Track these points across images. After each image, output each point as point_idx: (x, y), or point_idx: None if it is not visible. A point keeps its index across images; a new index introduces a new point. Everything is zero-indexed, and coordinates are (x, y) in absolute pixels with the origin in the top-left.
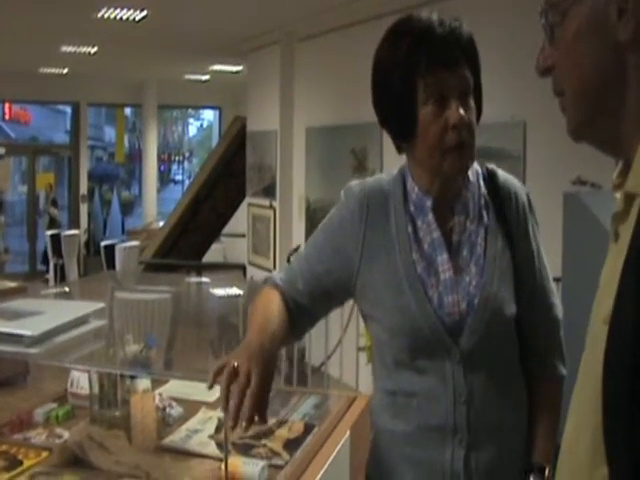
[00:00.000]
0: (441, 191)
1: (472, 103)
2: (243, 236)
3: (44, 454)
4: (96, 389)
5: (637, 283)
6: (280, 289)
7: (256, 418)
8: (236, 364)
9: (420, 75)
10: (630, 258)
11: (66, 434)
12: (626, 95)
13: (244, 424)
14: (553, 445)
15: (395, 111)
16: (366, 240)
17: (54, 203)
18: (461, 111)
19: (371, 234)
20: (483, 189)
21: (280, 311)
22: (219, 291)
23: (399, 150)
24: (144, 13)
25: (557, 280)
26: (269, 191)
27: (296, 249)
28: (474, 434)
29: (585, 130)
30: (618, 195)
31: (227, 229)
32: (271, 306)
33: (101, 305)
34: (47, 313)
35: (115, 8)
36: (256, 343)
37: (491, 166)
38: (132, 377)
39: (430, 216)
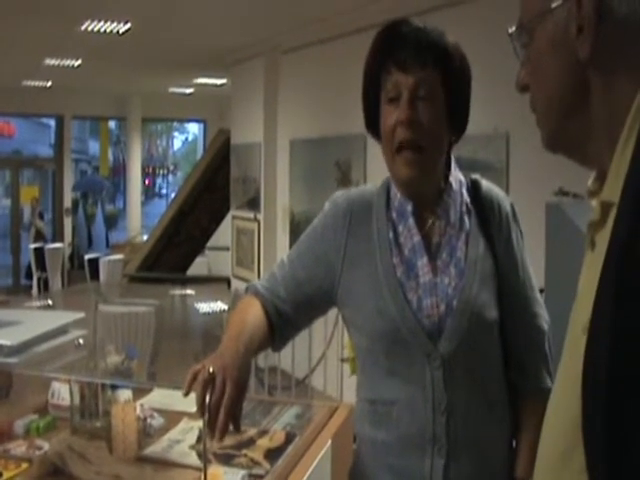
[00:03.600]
0: (413, 196)
1: (433, 107)
2: (227, 249)
3: (24, 465)
4: (77, 400)
5: (615, 292)
6: (261, 297)
7: (230, 427)
8: (211, 370)
9: (382, 74)
10: (607, 267)
11: (46, 445)
12: (591, 112)
13: (218, 434)
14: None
15: (368, 110)
16: (348, 248)
17: (41, 216)
18: (409, 110)
19: (353, 242)
20: (466, 197)
21: (258, 319)
22: (204, 306)
23: None
24: (128, 26)
25: (540, 290)
26: (253, 204)
27: None
28: (454, 444)
29: (556, 144)
30: (593, 203)
31: (211, 242)
32: (249, 314)
33: (81, 315)
34: (26, 323)
35: (99, 21)
36: (231, 350)
37: (475, 176)
38: (113, 388)
39: (411, 220)
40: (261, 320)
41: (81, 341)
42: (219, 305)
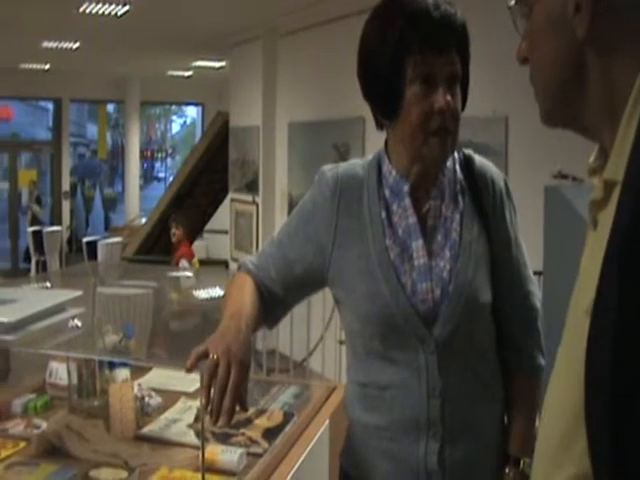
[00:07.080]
0: (419, 175)
1: (458, 91)
2: (226, 232)
3: (22, 444)
4: (75, 379)
5: (619, 272)
6: (252, 275)
7: (237, 408)
8: (215, 357)
9: (411, 54)
10: (611, 246)
11: (44, 424)
12: (588, 88)
13: (226, 418)
14: (530, 437)
15: (381, 87)
16: (339, 227)
17: (38, 200)
18: (448, 97)
19: (344, 221)
20: (459, 174)
21: (253, 297)
22: (202, 293)
23: (379, 127)
24: (126, 8)
25: (539, 274)
26: (252, 187)
27: None
28: (448, 428)
29: (554, 120)
30: (595, 181)
31: (210, 225)
32: (246, 292)
33: (78, 293)
34: (22, 301)
35: (97, 3)
36: (233, 331)
37: (468, 151)
38: (111, 367)
39: (407, 201)
40: (255, 299)
41: (77, 322)
42: (217, 290)
